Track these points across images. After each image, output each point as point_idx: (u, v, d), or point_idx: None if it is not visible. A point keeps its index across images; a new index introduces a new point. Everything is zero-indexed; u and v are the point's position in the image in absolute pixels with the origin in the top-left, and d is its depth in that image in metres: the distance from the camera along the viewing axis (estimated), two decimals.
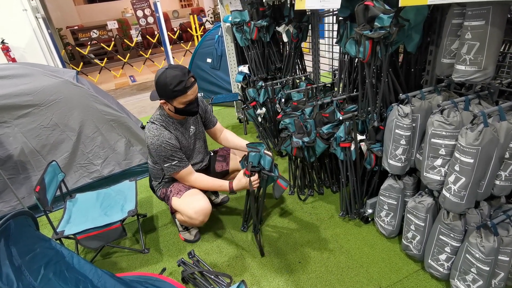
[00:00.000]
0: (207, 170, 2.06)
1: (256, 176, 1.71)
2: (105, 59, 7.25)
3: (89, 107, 2.49)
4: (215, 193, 2.35)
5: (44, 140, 2.37)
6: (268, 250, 1.88)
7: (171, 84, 1.56)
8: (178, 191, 1.80)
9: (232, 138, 2.07)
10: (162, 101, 1.66)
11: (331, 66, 2.67)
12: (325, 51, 2.66)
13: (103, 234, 1.73)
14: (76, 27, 8.86)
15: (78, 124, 2.46)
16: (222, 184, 1.78)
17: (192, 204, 1.73)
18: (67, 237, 1.69)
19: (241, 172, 1.73)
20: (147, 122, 1.74)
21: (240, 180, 1.71)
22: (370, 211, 1.95)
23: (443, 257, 1.47)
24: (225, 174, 2.13)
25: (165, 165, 1.71)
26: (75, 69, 3.89)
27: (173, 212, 1.85)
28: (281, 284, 1.66)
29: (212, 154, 2.15)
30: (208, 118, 2.02)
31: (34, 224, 1.17)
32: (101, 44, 7.80)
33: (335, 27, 2.04)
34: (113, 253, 1.96)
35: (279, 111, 2.45)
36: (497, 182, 1.30)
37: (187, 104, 1.66)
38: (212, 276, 1.61)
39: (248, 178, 1.69)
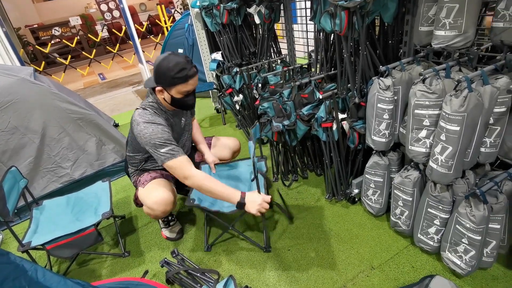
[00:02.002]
0: None
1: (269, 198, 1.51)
2: (69, 56, 6.83)
3: (52, 106, 2.29)
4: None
5: (4, 145, 2.16)
6: (256, 241, 1.80)
7: (172, 70, 1.45)
8: (144, 181, 1.69)
9: (194, 131, 1.99)
10: (158, 88, 1.53)
11: (306, 46, 2.59)
12: (299, 30, 2.57)
13: (76, 241, 1.59)
14: (35, 26, 8.31)
15: (40, 126, 2.26)
16: (231, 191, 1.49)
17: (152, 194, 1.61)
18: (35, 249, 1.54)
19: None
20: (137, 109, 1.58)
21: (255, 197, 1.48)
22: (356, 191, 1.91)
23: (432, 230, 1.45)
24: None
25: (162, 151, 1.48)
26: (37, 69, 3.62)
27: (136, 202, 1.76)
28: (271, 275, 1.59)
29: (193, 144, 2.04)
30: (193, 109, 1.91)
31: None
32: (64, 41, 7.35)
33: (308, 5, 1.95)
34: (90, 261, 1.83)
35: (257, 96, 2.36)
36: (483, 149, 1.27)
37: (185, 95, 1.54)
38: (199, 274, 1.52)
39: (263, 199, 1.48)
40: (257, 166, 1.73)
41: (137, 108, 1.59)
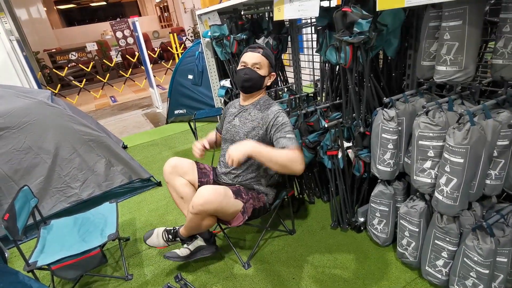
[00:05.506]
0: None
1: None
2: (84, 80, 7.09)
3: (65, 127, 2.38)
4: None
5: (17, 164, 2.22)
6: (260, 267, 1.78)
7: None
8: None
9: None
10: None
11: (312, 76, 2.68)
12: (305, 61, 2.68)
13: (81, 262, 1.59)
14: (53, 50, 8.72)
15: (53, 146, 2.33)
16: None
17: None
18: (41, 268, 1.55)
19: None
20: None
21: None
22: (361, 219, 1.90)
23: (440, 262, 1.42)
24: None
25: None
26: (52, 91, 3.77)
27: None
28: None
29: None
30: (273, 135, 1.60)
31: (0, 257, 1.05)
32: (80, 65, 7.67)
33: (314, 37, 2.04)
34: (93, 283, 1.82)
35: None
36: (488, 182, 1.28)
37: (240, 68, 1.63)
38: None
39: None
40: None
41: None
